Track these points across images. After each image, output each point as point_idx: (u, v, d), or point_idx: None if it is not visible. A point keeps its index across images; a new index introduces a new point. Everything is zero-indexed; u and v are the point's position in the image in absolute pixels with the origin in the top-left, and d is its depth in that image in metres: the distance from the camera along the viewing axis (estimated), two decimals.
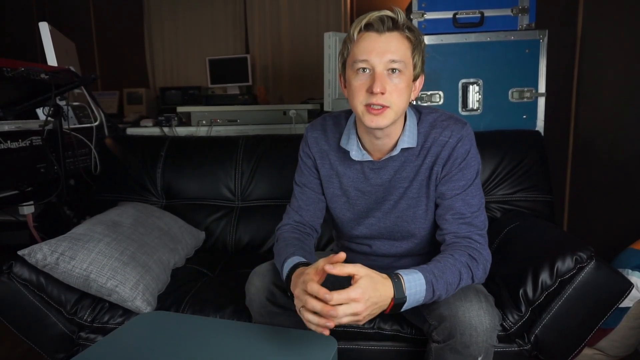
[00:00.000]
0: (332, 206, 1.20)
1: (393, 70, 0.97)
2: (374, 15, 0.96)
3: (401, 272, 0.91)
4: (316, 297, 0.85)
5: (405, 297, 0.89)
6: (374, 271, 0.89)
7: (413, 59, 1.00)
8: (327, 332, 0.86)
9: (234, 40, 3.89)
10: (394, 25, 0.97)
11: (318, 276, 0.89)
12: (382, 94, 0.96)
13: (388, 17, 0.96)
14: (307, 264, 0.99)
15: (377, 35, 0.97)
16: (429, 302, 0.94)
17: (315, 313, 0.85)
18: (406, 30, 0.98)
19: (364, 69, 0.98)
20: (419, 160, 1.08)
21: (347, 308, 0.83)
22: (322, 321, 0.84)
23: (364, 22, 0.97)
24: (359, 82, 0.99)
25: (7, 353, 1.77)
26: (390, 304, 0.89)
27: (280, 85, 3.84)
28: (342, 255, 0.87)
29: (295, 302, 0.91)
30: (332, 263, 0.86)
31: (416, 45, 1.00)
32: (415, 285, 0.90)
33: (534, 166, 1.62)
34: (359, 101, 0.99)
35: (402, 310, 0.91)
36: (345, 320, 0.84)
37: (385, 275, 0.89)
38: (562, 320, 1.15)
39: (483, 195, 1.09)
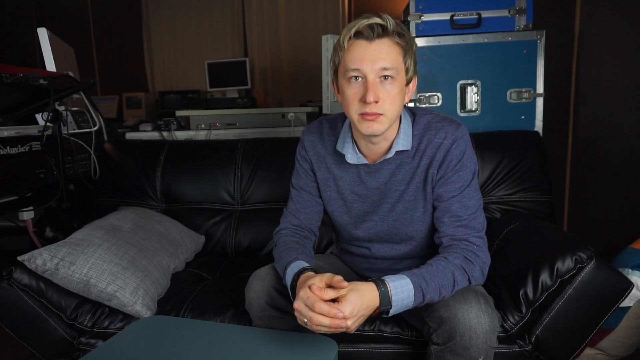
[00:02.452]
0: (330, 209, 1.20)
1: (385, 77, 0.97)
2: (364, 22, 0.96)
3: (388, 278, 0.92)
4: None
5: (391, 305, 0.90)
6: (358, 283, 0.91)
7: (405, 63, 1.00)
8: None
9: (233, 44, 3.90)
10: (383, 31, 0.96)
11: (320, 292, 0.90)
12: (376, 102, 0.96)
13: (378, 24, 0.96)
14: (311, 269, 1.00)
15: (368, 43, 0.96)
16: (420, 305, 0.94)
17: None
18: (396, 36, 0.98)
19: (356, 77, 0.98)
20: (414, 162, 1.09)
21: (337, 329, 0.87)
22: (332, 330, 0.88)
23: (353, 30, 0.97)
24: (352, 91, 0.99)
25: (7, 359, 1.77)
26: (375, 311, 0.90)
27: (279, 88, 3.85)
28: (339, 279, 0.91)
29: (297, 313, 0.92)
30: (330, 284, 0.91)
31: (407, 49, 1.00)
32: (402, 291, 0.91)
33: (533, 166, 1.62)
34: (354, 110, 0.99)
35: (389, 315, 0.92)
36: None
37: (370, 283, 0.91)
38: (563, 321, 1.15)
39: (481, 196, 1.09)
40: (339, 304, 0.87)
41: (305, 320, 0.89)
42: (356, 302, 0.87)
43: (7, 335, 1.32)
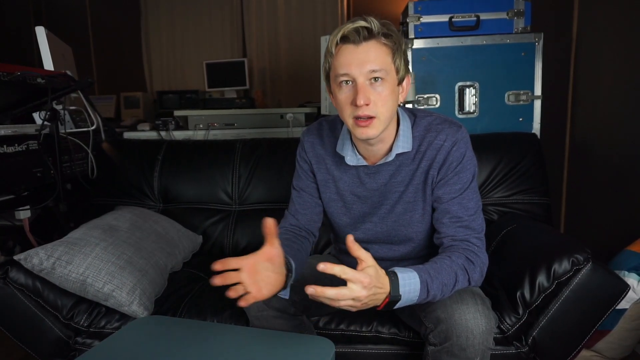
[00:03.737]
0: (329, 211, 1.21)
1: (375, 79, 0.97)
2: (349, 27, 0.96)
3: (397, 270, 0.91)
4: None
5: (400, 295, 0.89)
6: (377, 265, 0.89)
7: (394, 64, 1.00)
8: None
9: (231, 44, 3.89)
10: (369, 34, 0.96)
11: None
12: (367, 105, 0.96)
13: (363, 27, 0.96)
14: (288, 261, 0.99)
15: (355, 47, 0.97)
16: (423, 302, 0.94)
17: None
18: (382, 37, 0.98)
19: (346, 81, 0.98)
20: (414, 164, 1.09)
21: (351, 292, 0.83)
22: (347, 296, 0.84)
23: (339, 35, 0.97)
24: (343, 96, 0.99)
25: (3, 359, 1.76)
26: (385, 300, 0.89)
27: (277, 88, 3.84)
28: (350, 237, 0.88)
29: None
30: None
31: (396, 49, 0.99)
32: (410, 283, 0.90)
33: (530, 169, 1.62)
34: (347, 114, 1.00)
35: (394, 308, 0.91)
36: (343, 303, 0.84)
37: (384, 271, 0.90)
38: (560, 322, 1.15)
39: (480, 198, 1.09)
40: (359, 272, 0.84)
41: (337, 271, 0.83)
42: (374, 277, 0.85)
43: (2, 335, 1.31)
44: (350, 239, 0.87)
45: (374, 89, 0.97)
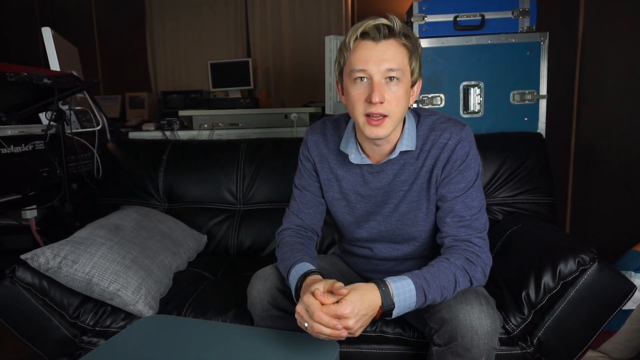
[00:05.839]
0: (333, 210, 1.20)
1: (391, 78, 0.97)
2: (370, 23, 0.96)
3: (389, 279, 0.92)
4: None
5: (394, 303, 0.90)
6: (359, 283, 0.91)
7: (410, 65, 1.00)
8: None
9: (236, 44, 3.90)
10: (390, 32, 0.96)
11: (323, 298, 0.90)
12: (381, 103, 0.96)
13: (384, 25, 0.96)
14: (317, 272, 1.01)
15: (374, 44, 0.96)
16: (423, 306, 0.94)
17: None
18: (402, 37, 0.98)
19: (361, 77, 0.98)
20: (419, 163, 1.08)
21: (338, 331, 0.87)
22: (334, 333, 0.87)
23: (359, 30, 0.97)
24: (357, 92, 0.99)
25: (10, 357, 1.77)
26: (378, 311, 0.90)
27: (281, 88, 3.85)
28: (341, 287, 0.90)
29: (297, 316, 0.92)
30: (331, 290, 0.91)
31: (413, 51, 0.99)
32: (404, 291, 0.90)
33: (535, 168, 1.62)
34: (359, 112, 0.99)
35: (393, 317, 0.92)
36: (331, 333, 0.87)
37: (371, 284, 0.91)
38: (565, 323, 1.14)
39: (484, 197, 1.09)
40: (339, 304, 0.87)
41: (306, 325, 0.89)
42: (356, 301, 0.87)
43: (8, 334, 1.32)
44: (318, 292, 0.89)
45: (388, 88, 0.97)
